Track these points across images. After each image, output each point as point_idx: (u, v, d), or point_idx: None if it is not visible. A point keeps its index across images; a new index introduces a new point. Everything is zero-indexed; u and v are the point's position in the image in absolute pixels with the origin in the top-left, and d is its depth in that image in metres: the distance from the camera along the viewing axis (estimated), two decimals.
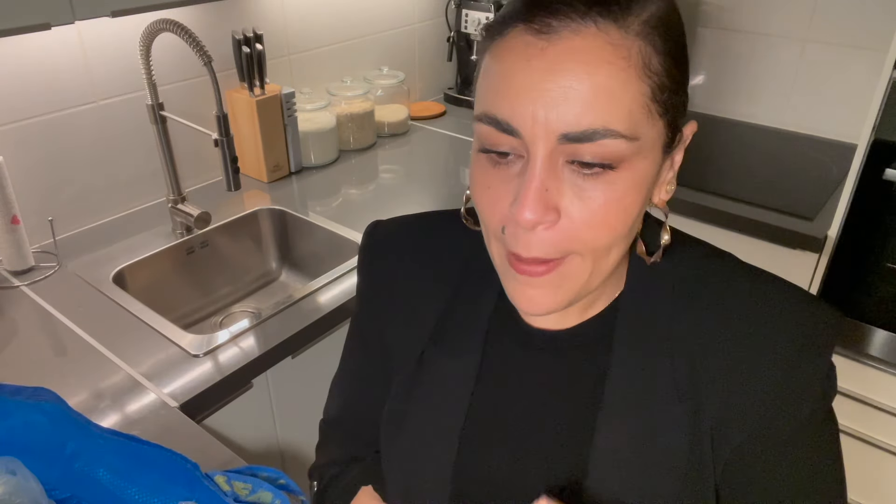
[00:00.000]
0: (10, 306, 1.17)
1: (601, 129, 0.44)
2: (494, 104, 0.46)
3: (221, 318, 1.45)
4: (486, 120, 0.47)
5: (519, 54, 0.45)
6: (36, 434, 0.62)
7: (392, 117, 1.90)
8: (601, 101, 0.43)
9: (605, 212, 0.46)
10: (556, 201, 0.46)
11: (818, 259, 1.44)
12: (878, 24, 1.68)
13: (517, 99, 0.45)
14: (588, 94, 0.43)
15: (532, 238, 0.47)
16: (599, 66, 0.43)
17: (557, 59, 0.44)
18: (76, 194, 1.38)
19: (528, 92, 0.44)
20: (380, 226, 0.70)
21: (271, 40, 1.61)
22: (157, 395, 0.98)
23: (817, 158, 1.75)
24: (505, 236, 0.49)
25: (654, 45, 0.45)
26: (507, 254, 0.50)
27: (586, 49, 0.43)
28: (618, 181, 0.46)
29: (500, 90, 0.46)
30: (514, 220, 0.46)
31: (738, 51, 1.92)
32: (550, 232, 0.47)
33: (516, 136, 0.45)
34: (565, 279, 0.50)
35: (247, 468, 0.79)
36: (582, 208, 0.46)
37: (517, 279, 0.50)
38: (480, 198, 0.50)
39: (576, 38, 0.44)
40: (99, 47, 1.32)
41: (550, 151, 0.45)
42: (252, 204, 1.52)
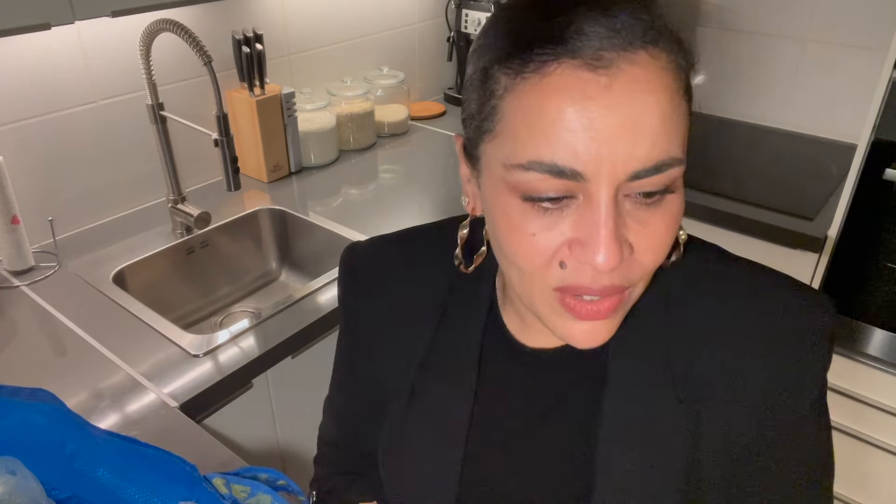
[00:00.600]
0: (10, 306, 1.17)
1: (668, 159, 0.42)
2: (549, 150, 0.41)
3: (221, 318, 1.45)
4: (542, 168, 0.42)
5: (575, 92, 0.40)
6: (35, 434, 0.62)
7: (392, 117, 1.90)
8: (666, 130, 0.42)
9: (665, 237, 0.45)
10: (625, 236, 0.44)
11: (818, 259, 1.44)
12: (878, 24, 1.68)
13: (580, 142, 0.40)
14: (656, 126, 0.41)
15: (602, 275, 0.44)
16: (661, 94, 0.41)
17: (622, 93, 0.40)
18: (76, 194, 1.38)
19: (593, 134, 0.40)
20: (357, 248, 0.67)
21: (271, 40, 1.61)
22: (156, 395, 0.98)
23: (817, 158, 1.75)
24: (566, 272, 0.45)
25: (685, 57, 0.44)
26: (561, 297, 0.46)
27: (646, 78, 0.41)
28: (673, 204, 0.45)
29: (555, 133, 0.41)
30: (588, 263, 0.43)
31: (738, 51, 1.92)
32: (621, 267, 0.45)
33: (579, 180, 0.42)
34: (623, 309, 0.48)
35: (246, 469, 0.79)
36: (647, 238, 0.45)
37: (573, 320, 0.47)
38: (522, 246, 0.45)
39: (634, 68, 0.41)
40: (99, 47, 1.32)
41: (617, 189, 0.42)
42: (252, 204, 1.52)
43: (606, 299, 0.46)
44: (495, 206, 0.47)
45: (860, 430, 1.51)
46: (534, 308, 0.50)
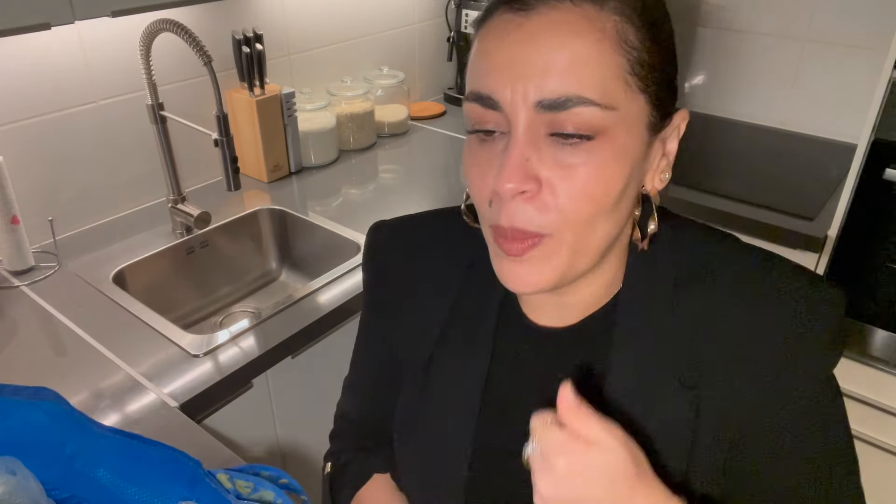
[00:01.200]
0: (10, 306, 1.17)
1: (574, 96, 0.45)
2: (478, 82, 0.49)
3: (221, 318, 1.45)
4: (471, 97, 0.49)
5: (499, 31, 0.48)
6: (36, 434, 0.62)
7: (392, 117, 1.90)
8: (575, 70, 0.45)
9: (584, 182, 0.47)
10: (536, 171, 0.47)
11: (818, 259, 1.44)
12: (878, 24, 1.68)
13: (496, 72, 0.47)
14: (563, 63, 0.45)
15: (514, 208, 0.48)
16: (574, 38, 0.46)
17: (534, 31, 0.46)
18: (76, 194, 1.38)
19: (507, 65, 0.47)
20: (383, 226, 0.70)
21: (271, 40, 1.61)
22: (157, 395, 0.97)
23: (817, 158, 1.75)
24: (491, 210, 0.50)
25: (630, 21, 0.47)
26: (494, 232, 0.51)
27: (561, 22, 0.46)
28: (597, 151, 0.47)
29: (483, 68, 0.48)
30: (496, 190, 0.48)
31: (738, 51, 1.92)
32: (532, 203, 0.48)
33: (498, 109, 0.47)
34: (551, 255, 0.50)
35: (248, 466, 0.79)
36: (562, 178, 0.47)
37: (504, 258, 0.51)
38: (470, 176, 0.52)
39: (552, 12, 0.46)
40: (99, 47, 1.32)
41: (530, 122, 0.47)
42: (252, 204, 1.52)
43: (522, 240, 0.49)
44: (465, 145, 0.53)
45: (860, 431, 1.51)
46: (491, 256, 0.54)
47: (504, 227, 0.49)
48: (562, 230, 0.49)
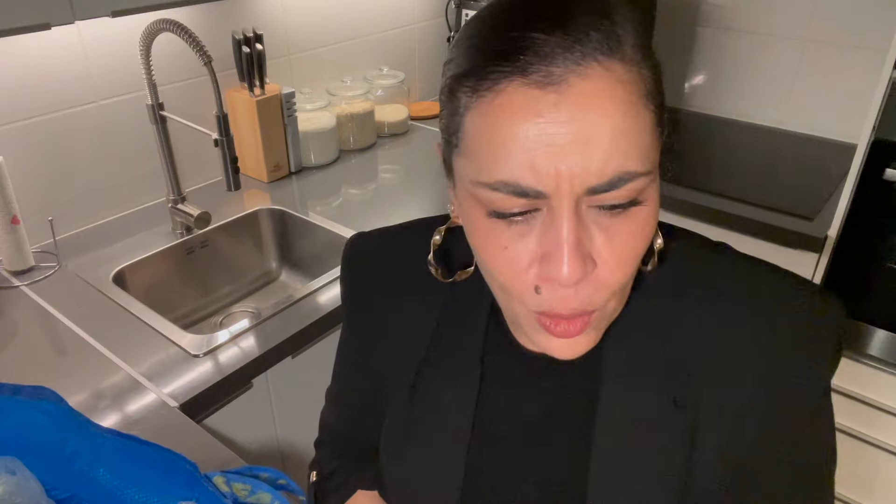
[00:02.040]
0: (10, 306, 1.17)
1: (624, 174, 0.42)
2: (509, 169, 0.42)
3: (221, 318, 1.45)
4: (504, 188, 0.42)
5: (526, 111, 0.41)
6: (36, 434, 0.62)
7: (392, 117, 1.90)
8: (621, 144, 0.41)
9: (633, 247, 0.45)
10: (588, 249, 0.44)
11: (818, 259, 1.44)
12: (878, 24, 1.68)
13: (537, 159, 0.41)
14: (609, 139, 0.41)
15: (570, 293, 0.45)
16: (614, 108, 0.41)
17: (571, 109, 0.40)
18: (76, 194, 1.38)
19: (547, 150, 0.41)
20: (362, 237, 0.67)
21: (271, 40, 1.61)
22: (157, 395, 0.97)
23: (817, 158, 1.75)
24: (541, 297, 0.45)
25: (647, 68, 0.44)
26: (539, 315, 0.47)
27: (597, 93, 0.41)
28: (640, 214, 0.45)
29: (512, 152, 0.41)
30: (554, 279, 0.43)
31: (738, 50, 1.92)
32: (590, 283, 0.45)
33: (541, 197, 0.42)
34: (599, 323, 0.48)
35: (246, 468, 0.79)
36: (613, 250, 0.44)
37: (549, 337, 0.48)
38: (496, 260, 0.46)
39: (584, 83, 0.40)
40: (99, 47, 1.32)
41: (577, 202, 0.42)
42: (252, 204, 1.52)
43: (577, 319, 0.46)
44: (468, 218, 0.47)
45: (860, 431, 1.51)
46: (517, 323, 0.50)
47: (561, 312, 0.46)
48: (610, 300, 0.47)
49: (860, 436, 1.51)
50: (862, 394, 1.48)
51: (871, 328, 1.42)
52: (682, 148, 1.90)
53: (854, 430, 1.51)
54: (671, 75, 2.06)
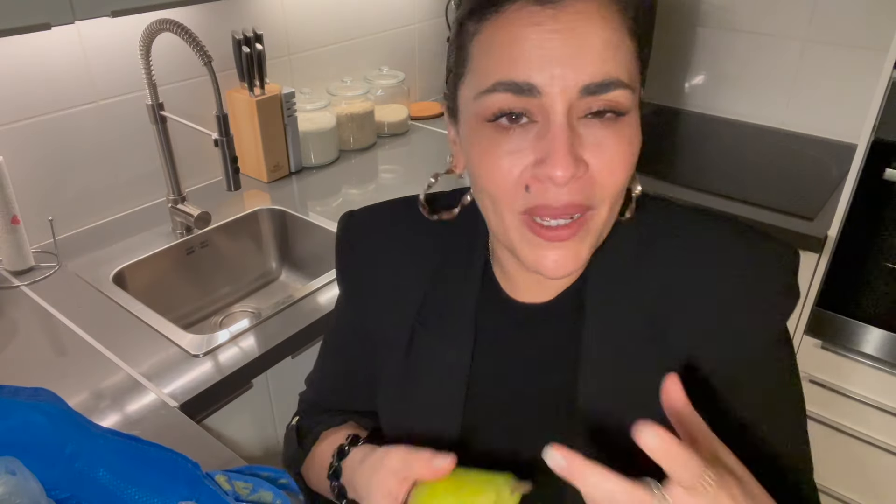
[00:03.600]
0: (10, 306, 1.17)
1: (615, 79, 0.48)
2: (508, 71, 0.48)
3: (221, 318, 1.45)
4: (502, 87, 0.48)
5: (527, 21, 0.47)
6: (36, 434, 0.62)
7: (392, 117, 1.90)
8: (611, 55, 0.48)
9: (621, 156, 0.50)
10: (580, 153, 0.49)
11: (818, 259, 1.44)
12: (878, 24, 1.68)
13: (534, 60, 0.47)
14: (601, 49, 0.47)
15: (562, 190, 0.49)
16: (603, 25, 0.48)
17: (568, 21, 0.47)
18: (76, 194, 1.38)
19: (546, 53, 0.47)
20: (354, 215, 0.71)
21: (271, 40, 1.61)
22: (157, 395, 0.98)
23: (817, 158, 1.75)
24: (530, 194, 0.50)
25: (633, 8, 0.50)
26: (528, 221, 0.51)
27: (591, 11, 0.48)
28: (626, 127, 0.50)
29: (514, 56, 0.48)
30: (547, 178, 0.48)
31: (738, 51, 1.92)
32: (580, 183, 0.49)
33: (535, 96, 0.48)
34: (588, 234, 0.52)
35: (247, 468, 0.79)
36: (602, 156, 0.49)
37: (540, 245, 0.52)
38: (492, 170, 0.51)
39: (578, 3, 0.48)
40: (99, 47, 1.32)
41: (569, 107, 0.48)
42: (252, 204, 1.52)
43: (569, 226, 0.51)
44: (471, 141, 0.53)
45: (861, 431, 1.51)
46: (507, 239, 0.54)
47: (552, 204, 0.50)
48: (602, 204, 0.52)
49: (859, 435, 1.51)
50: (861, 393, 1.48)
51: (870, 328, 1.42)
52: (682, 148, 1.90)
53: (853, 429, 1.52)
54: (671, 75, 2.06)
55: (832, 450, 1.57)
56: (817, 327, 1.49)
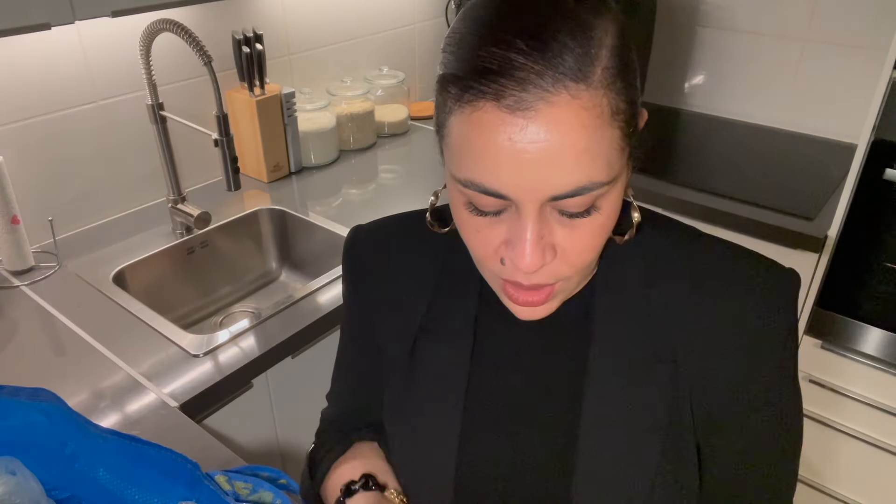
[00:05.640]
0: (10, 306, 1.17)
1: (587, 184, 0.46)
2: (480, 175, 0.47)
3: (221, 318, 1.45)
4: (473, 187, 0.48)
5: (497, 131, 0.45)
6: (36, 434, 0.62)
7: (392, 117, 1.90)
8: (584, 161, 0.45)
9: (593, 240, 0.51)
10: (550, 241, 0.50)
11: (818, 259, 1.44)
12: (878, 24, 1.68)
13: (503, 172, 0.46)
14: (571, 159, 0.45)
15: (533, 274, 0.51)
16: (579, 132, 0.45)
17: (537, 133, 0.44)
18: (76, 194, 1.38)
19: (514, 165, 0.45)
20: (361, 229, 0.72)
21: (271, 40, 1.61)
22: (157, 395, 0.97)
23: (817, 158, 1.75)
24: (504, 267, 0.52)
25: (616, 90, 0.46)
26: (503, 282, 0.54)
27: (562, 118, 0.44)
28: (601, 214, 0.50)
29: (484, 162, 0.46)
30: (516, 266, 0.49)
31: (738, 51, 1.92)
32: (547, 268, 0.51)
33: (506, 199, 0.48)
34: (558, 297, 0.55)
35: (247, 468, 0.79)
36: (574, 243, 0.50)
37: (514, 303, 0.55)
38: (470, 239, 0.53)
39: (551, 109, 0.44)
40: (99, 47, 1.32)
41: (540, 207, 0.48)
42: (252, 204, 1.52)
43: (539, 292, 0.53)
44: (451, 199, 0.54)
45: (861, 431, 1.51)
46: (493, 288, 0.57)
47: (522, 282, 0.52)
48: (571, 278, 0.54)
49: (858, 435, 1.51)
50: (861, 393, 1.48)
51: (870, 328, 1.42)
52: (682, 148, 1.90)
53: (854, 429, 1.52)
54: (671, 75, 2.06)
55: (832, 450, 1.57)
56: (817, 327, 1.49)
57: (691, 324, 0.58)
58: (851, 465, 1.56)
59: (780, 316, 0.57)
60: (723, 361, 0.57)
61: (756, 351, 0.57)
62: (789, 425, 0.62)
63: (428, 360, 0.66)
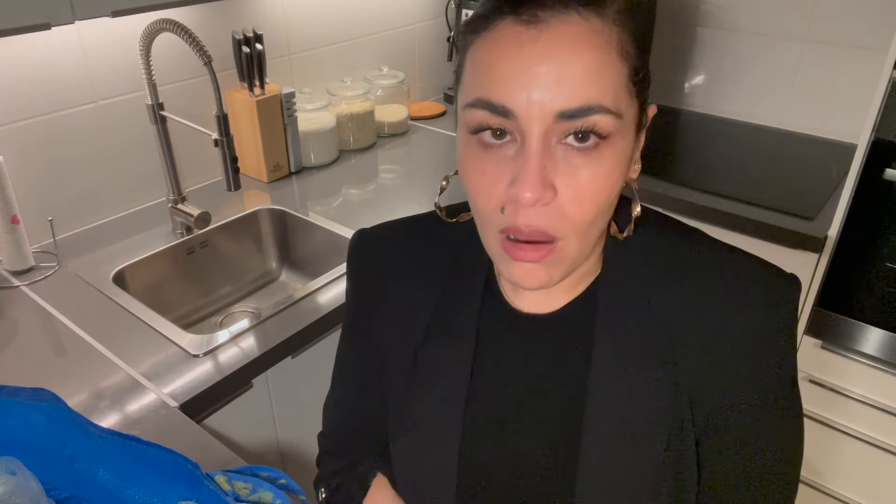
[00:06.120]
0: (10, 306, 1.17)
1: (594, 104, 0.47)
2: (488, 90, 0.48)
3: (221, 318, 1.45)
4: (480, 105, 0.49)
5: (510, 42, 0.48)
6: (36, 434, 0.62)
7: (392, 117, 1.90)
8: (592, 80, 0.47)
9: (594, 187, 0.50)
10: (551, 179, 0.49)
11: (818, 259, 1.44)
12: (878, 24, 1.68)
13: (512, 83, 0.47)
14: (580, 74, 0.47)
15: (532, 213, 0.50)
16: (587, 50, 0.47)
17: (549, 45, 0.47)
18: (76, 194, 1.38)
19: (523, 76, 0.47)
20: (365, 233, 0.72)
21: (271, 40, 1.61)
22: (157, 395, 0.98)
23: (817, 158, 1.75)
24: (504, 215, 0.51)
25: (629, 31, 0.49)
26: (503, 240, 0.52)
27: (574, 35, 0.47)
28: (604, 158, 0.49)
29: (493, 76, 0.48)
30: (515, 199, 0.49)
31: (738, 51, 1.92)
32: (549, 209, 0.50)
33: (511, 118, 0.48)
34: (558, 261, 0.53)
35: (247, 468, 0.79)
36: (573, 185, 0.49)
37: (512, 263, 0.53)
38: (474, 183, 0.52)
39: (563, 25, 0.47)
40: (99, 47, 1.32)
41: (546, 131, 0.48)
42: (252, 204, 1.52)
43: (537, 249, 0.51)
44: (460, 149, 0.54)
45: (861, 431, 1.51)
46: (490, 253, 0.56)
47: (521, 227, 0.50)
48: (570, 235, 0.51)
49: (858, 435, 1.51)
50: (860, 393, 1.48)
51: (870, 328, 1.42)
52: (682, 148, 1.90)
53: (854, 429, 1.51)
54: (671, 75, 2.06)
55: (832, 450, 1.57)
56: (817, 327, 1.49)
57: (692, 326, 0.58)
58: (851, 465, 1.56)
59: (781, 320, 0.57)
60: (722, 364, 0.57)
61: (756, 354, 0.57)
62: (788, 429, 0.61)
63: (431, 362, 0.65)
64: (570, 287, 0.62)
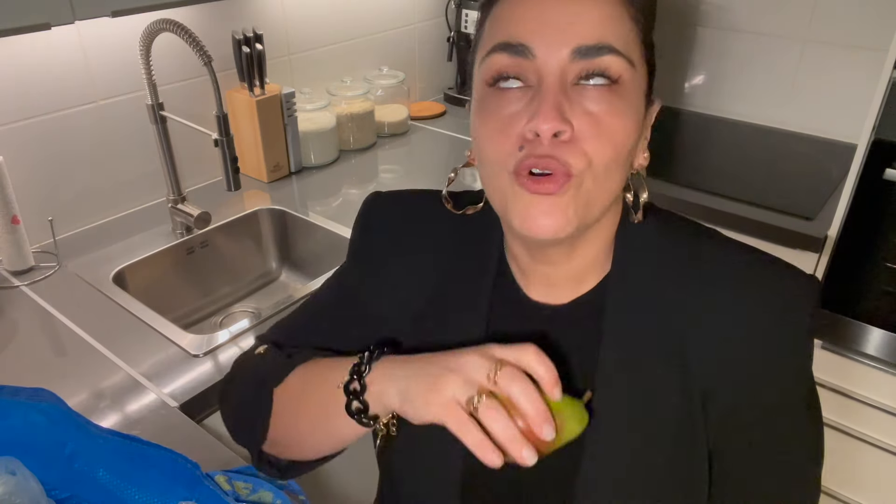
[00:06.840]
0: (10, 306, 1.17)
1: (608, 44, 0.50)
2: (507, 32, 0.52)
3: (221, 318, 1.45)
4: (500, 47, 0.52)
5: None
6: (36, 434, 0.62)
7: (392, 117, 1.90)
8: (606, 24, 0.50)
9: (608, 126, 0.51)
10: (568, 115, 0.50)
11: (818, 259, 1.44)
12: (878, 24, 1.68)
13: (530, 23, 0.51)
14: (596, 17, 0.50)
15: (550, 148, 0.50)
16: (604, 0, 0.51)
17: None
18: (76, 194, 1.38)
19: (541, 16, 0.50)
20: (380, 195, 0.72)
21: (271, 40, 1.61)
22: (157, 395, 0.98)
23: (817, 158, 1.75)
24: (521, 153, 0.51)
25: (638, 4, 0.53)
26: (517, 176, 0.52)
27: None
28: (617, 100, 0.51)
29: (513, 21, 0.52)
30: (534, 133, 0.50)
31: (738, 51, 1.92)
32: (566, 145, 0.50)
33: (529, 57, 0.50)
34: (575, 197, 0.52)
35: (247, 468, 0.79)
36: (589, 122, 0.50)
37: (528, 201, 0.52)
38: (490, 126, 0.53)
39: None
40: (99, 47, 1.32)
41: (562, 70, 0.50)
42: (252, 204, 1.52)
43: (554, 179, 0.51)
44: (476, 110, 0.55)
45: (860, 431, 1.51)
46: (502, 202, 0.55)
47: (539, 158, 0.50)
48: (585, 173, 0.51)
49: (858, 435, 1.51)
50: (860, 393, 1.48)
51: (870, 328, 1.42)
52: (682, 148, 1.90)
53: (853, 429, 1.51)
54: (671, 75, 2.06)
55: (833, 450, 1.57)
56: (817, 327, 1.49)
57: (704, 325, 0.57)
58: (852, 466, 1.56)
59: (798, 321, 0.56)
60: (737, 365, 0.56)
61: (773, 355, 0.56)
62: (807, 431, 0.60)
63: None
64: (576, 273, 0.61)
